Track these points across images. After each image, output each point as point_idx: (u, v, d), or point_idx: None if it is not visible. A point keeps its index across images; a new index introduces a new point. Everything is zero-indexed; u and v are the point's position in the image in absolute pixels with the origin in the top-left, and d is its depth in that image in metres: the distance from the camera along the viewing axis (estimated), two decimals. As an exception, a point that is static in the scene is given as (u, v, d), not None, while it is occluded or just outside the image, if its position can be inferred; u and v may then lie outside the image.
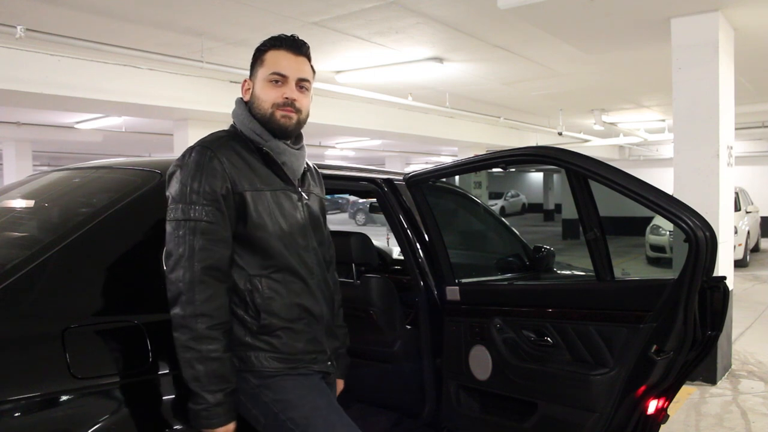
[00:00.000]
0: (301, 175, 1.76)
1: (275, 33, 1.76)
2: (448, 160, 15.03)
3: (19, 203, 2.18)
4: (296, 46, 1.71)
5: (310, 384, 1.64)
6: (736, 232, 9.65)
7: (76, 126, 10.95)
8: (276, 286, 1.62)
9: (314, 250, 1.74)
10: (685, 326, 1.80)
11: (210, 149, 1.59)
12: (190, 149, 1.61)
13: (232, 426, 1.53)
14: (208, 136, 1.69)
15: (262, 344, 1.59)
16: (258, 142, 1.68)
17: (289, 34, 1.73)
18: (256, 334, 1.59)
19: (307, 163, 1.82)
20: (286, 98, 1.68)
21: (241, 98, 1.77)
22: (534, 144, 11.25)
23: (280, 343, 1.61)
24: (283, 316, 1.61)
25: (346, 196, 20.26)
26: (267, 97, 1.68)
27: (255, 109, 1.70)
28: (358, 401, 2.80)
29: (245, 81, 1.76)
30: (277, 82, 1.68)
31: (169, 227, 1.55)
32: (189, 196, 1.54)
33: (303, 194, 1.74)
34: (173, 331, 1.50)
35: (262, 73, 1.69)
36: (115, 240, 1.70)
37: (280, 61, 1.68)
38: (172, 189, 1.58)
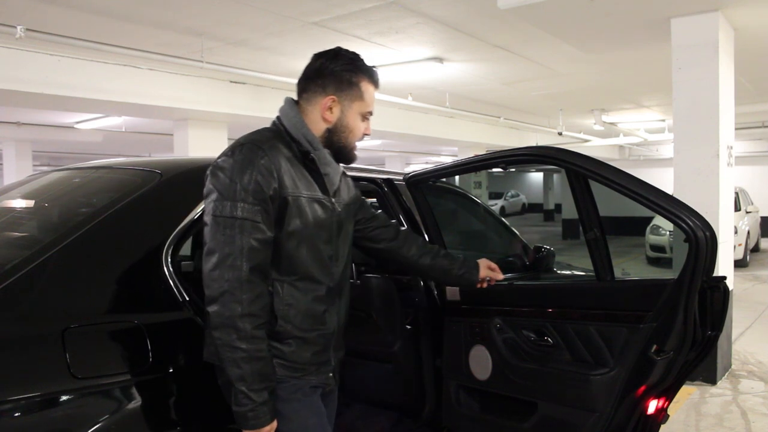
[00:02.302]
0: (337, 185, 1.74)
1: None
2: (448, 160, 15.03)
3: (19, 203, 2.18)
4: (378, 84, 1.74)
5: (306, 400, 1.63)
6: (736, 232, 9.65)
7: (76, 126, 10.95)
8: (296, 293, 1.60)
9: (340, 261, 1.72)
10: (685, 326, 1.80)
11: (261, 148, 1.55)
12: (240, 145, 1.56)
13: (275, 424, 1.53)
14: (254, 134, 1.63)
15: (272, 349, 1.57)
16: (307, 148, 1.64)
17: (372, 66, 1.72)
18: (268, 339, 1.56)
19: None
20: (366, 135, 1.73)
21: (293, 99, 1.71)
22: (534, 144, 11.25)
23: (289, 351, 1.60)
24: (298, 325, 1.60)
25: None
26: (358, 131, 1.71)
27: (340, 138, 1.68)
28: (358, 401, 2.80)
29: (332, 99, 1.65)
30: (365, 118, 1.71)
31: (212, 222, 1.51)
32: (238, 192, 1.49)
33: (336, 206, 1.71)
34: (213, 329, 1.48)
35: (360, 107, 1.69)
36: (115, 240, 1.70)
37: (372, 97, 1.71)
38: (218, 183, 1.52)
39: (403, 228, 2.05)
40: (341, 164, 1.76)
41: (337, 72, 1.66)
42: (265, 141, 1.58)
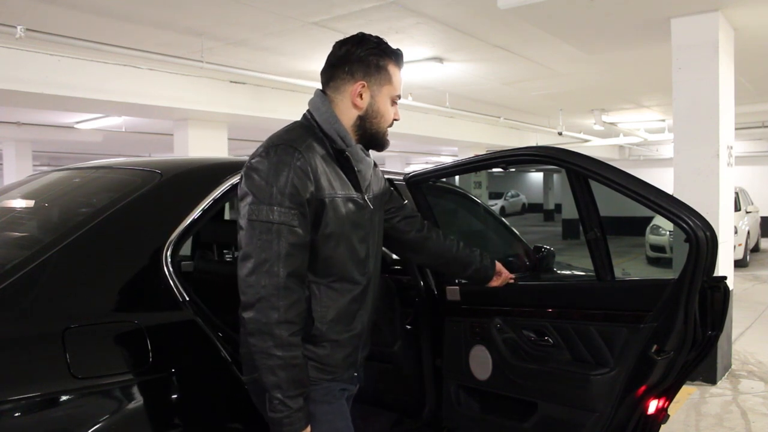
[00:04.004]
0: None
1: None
2: (448, 160, 15.04)
3: (19, 203, 2.18)
4: (402, 66, 1.72)
5: (336, 403, 1.63)
6: (736, 232, 9.65)
7: (76, 126, 10.95)
8: (334, 295, 1.59)
9: (373, 258, 1.69)
10: (685, 326, 1.80)
11: (297, 150, 1.51)
12: (274, 146, 1.51)
13: (309, 429, 1.51)
14: (288, 132, 1.58)
15: (305, 351, 1.55)
16: (340, 145, 1.60)
17: (397, 48, 1.68)
18: (302, 342, 1.54)
19: None
20: (395, 119, 1.70)
21: (323, 91, 1.66)
22: (534, 144, 11.25)
23: (323, 354, 1.58)
24: (333, 327, 1.58)
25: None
26: (389, 116, 1.68)
27: (372, 124, 1.65)
28: (358, 401, 2.80)
29: (362, 84, 1.62)
30: (394, 102, 1.69)
31: (248, 227, 1.47)
32: (274, 196, 1.46)
33: (369, 203, 1.67)
34: (249, 336, 1.46)
35: (389, 90, 1.65)
36: (115, 240, 1.70)
37: (400, 80, 1.69)
38: (253, 186, 1.48)
39: (425, 220, 2.04)
40: (372, 152, 1.73)
41: (363, 57, 1.61)
42: (300, 140, 1.54)
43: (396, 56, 1.67)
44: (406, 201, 2.03)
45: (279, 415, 1.45)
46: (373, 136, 1.67)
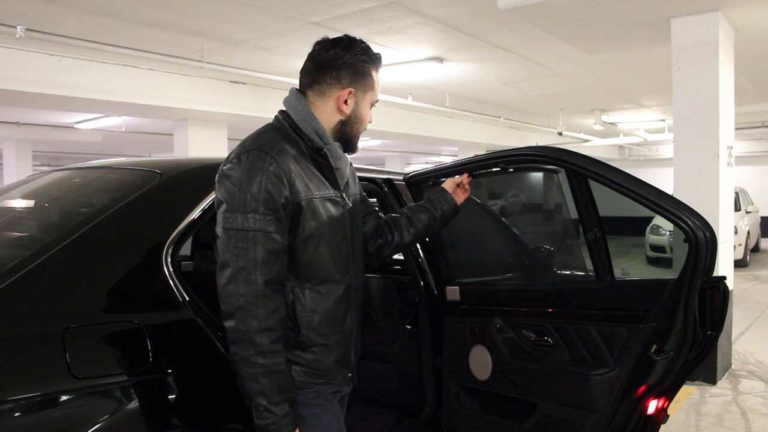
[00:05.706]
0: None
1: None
2: (448, 160, 15.03)
3: (19, 203, 2.18)
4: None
5: (328, 405, 1.63)
6: (736, 232, 9.65)
7: (76, 126, 10.96)
8: (319, 298, 1.58)
9: (356, 257, 1.69)
10: (685, 326, 1.80)
11: (269, 154, 1.49)
12: (246, 151, 1.50)
13: None
14: (259, 137, 1.56)
15: (294, 357, 1.56)
16: (317, 143, 1.60)
17: (378, 53, 1.70)
18: (290, 347, 1.55)
19: None
20: (369, 122, 1.71)
21: (298, 90, 1.65)
22: (534, 144, 11.25)
23: (313, 359, 1.58)
24: (321, 332, 1.58)
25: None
26: (368, 120, 1.70)
27: (353, 128, 1.67)
28: (358, 401, 2.80)
29: (350, 91, 1.62)
30: (372, 106, 1.70)
31: (224, 235, 1.46)
32: (248, 203, 1.45)
33: (348, 200, 1.67)
34: (231, 344, 1.46)
35: (371, 96, 1.68)
36: (115, 240, 1.70)
37: (379, 85, 1.70)
38: (227, 193, 1.48)
39: (383, 219, 1.96)
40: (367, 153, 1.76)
41: (352, 63, 1.61)
42: (272, 144, 1.52)
43: (379, 62, 1.70)
44: (376, 208, 2.00)
45: (265, 422, 1.46)
46: (349, 141, 1.69)
